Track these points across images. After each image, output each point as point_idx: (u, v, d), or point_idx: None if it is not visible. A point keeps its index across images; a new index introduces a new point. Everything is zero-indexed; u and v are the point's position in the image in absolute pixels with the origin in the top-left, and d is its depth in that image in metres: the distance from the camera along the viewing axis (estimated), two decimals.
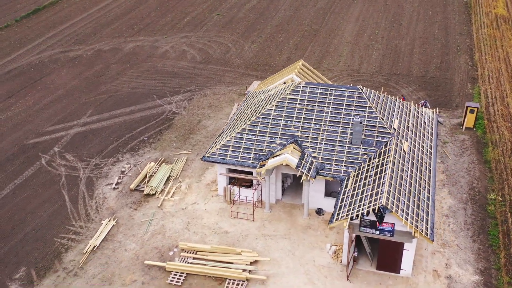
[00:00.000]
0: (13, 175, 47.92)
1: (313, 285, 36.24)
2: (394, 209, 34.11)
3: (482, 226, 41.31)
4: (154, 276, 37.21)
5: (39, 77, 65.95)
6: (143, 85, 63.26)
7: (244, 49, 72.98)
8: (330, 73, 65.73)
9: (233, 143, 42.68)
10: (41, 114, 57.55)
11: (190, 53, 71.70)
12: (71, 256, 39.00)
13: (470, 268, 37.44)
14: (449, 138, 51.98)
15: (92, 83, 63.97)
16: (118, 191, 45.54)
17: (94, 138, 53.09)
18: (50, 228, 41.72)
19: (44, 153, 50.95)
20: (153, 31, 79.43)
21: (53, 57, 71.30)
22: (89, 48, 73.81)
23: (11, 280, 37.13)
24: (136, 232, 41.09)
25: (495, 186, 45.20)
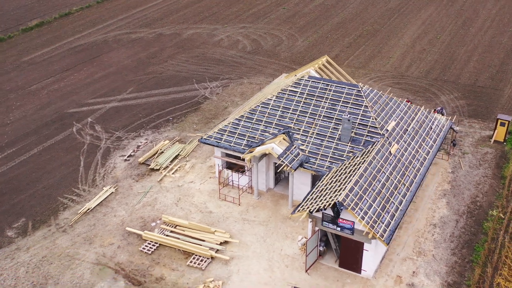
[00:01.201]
0: (45, 138, 52.81)
1: (272, 272, 37.01)
2: (352, 206, 34.00)
3: (470, 240, 39.60)
4: (130, 242, 39.86)
5: (98, 54, 71.25)
6: (187, 70, 66.29)
7: (296, 43, 73.76)
8: (373, 73, 64.86)
9: (230, 128, 44.20)
10: (88, 88, 62.43)
11: (242, 43, 73.74)
12: (66, 215, 42.71)
13: (438, 279, 36.27)
14: (471, 149, 49.77)
15: (142, 64, 68.06)
16: (128, 163, 48.77)
17: (125, 113, 56.87)
18: (58, 188, 45.79)
19: (77, 122, 55.50)
20: (216, 20, 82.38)
21: (117, 37, 76.53)
22: (152, 32, 78.27)
23: (10, 228, 41.50)
24: (129, 201, 43.99)
25: (501, 203, 42.93)
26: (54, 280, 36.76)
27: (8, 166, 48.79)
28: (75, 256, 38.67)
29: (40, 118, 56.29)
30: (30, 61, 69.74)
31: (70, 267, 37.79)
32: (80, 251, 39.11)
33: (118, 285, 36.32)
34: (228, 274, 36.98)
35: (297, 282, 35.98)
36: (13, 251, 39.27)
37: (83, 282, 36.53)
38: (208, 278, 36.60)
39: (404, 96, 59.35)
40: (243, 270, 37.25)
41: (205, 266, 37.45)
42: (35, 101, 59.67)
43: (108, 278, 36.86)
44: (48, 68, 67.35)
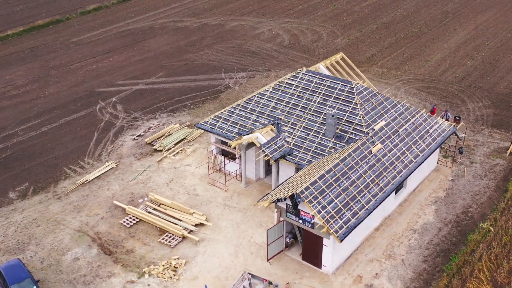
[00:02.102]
0: (69, 113, 56.32)
1: (236, 257, 37.74)
2: (310, 199, 34.04)
3: (448, 250, 38.26)
4: (114, 215, 41.99)
5: (142, 39, 74.48)
6: (220, 59, 67.85)
7: (335, 40, 73.30)
8: (405, 75, 63.36)
9: (225, 116, 45.21)
10: (122, 70, 65.60)
11: (281, 37, 74.29)
12: (66, 184, 45.59)
13: (399, 284, 35.45)
14: (481, 159, 47.68)
15: (179, 51, 70.43)
16: (135, 142, 51.07)
17: (148, 96, 59.36)
18: (66, 159, 48.87)
19: (102, 100, 58.65)
20: (264, 13, 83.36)
21: (164, 24, 79.53)
22: (197, 21, 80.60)
23: (13, 191, 44.95)
24: (126, 178, 46.20)
25: (495, 216, 40.98)
26: (36, 241, 39.53)
27: (29, 135, 52.56)
28: (62, 222, 41.31)
29: (71, 95, 59.95)
30: (78, 41, 74.14)
31: (54, 231, 40.45)
32: (67, 218, 41.70)
33: (90, 252, 38.47)
34: (194, 254, 38.11)
35: (256, 270, 36.47)
36: (10, 211, 42.55)
37: (61, 246, 39.02)
38: (174, 256, 37.89)
39: (429, 100, 57.66)
40: (209, 252, 38.23)
41: (174, 244, 38.79)
42: (71, 79, 63.55)
43: (84, 245, 39.13)
44: (92, 50, 71.32)
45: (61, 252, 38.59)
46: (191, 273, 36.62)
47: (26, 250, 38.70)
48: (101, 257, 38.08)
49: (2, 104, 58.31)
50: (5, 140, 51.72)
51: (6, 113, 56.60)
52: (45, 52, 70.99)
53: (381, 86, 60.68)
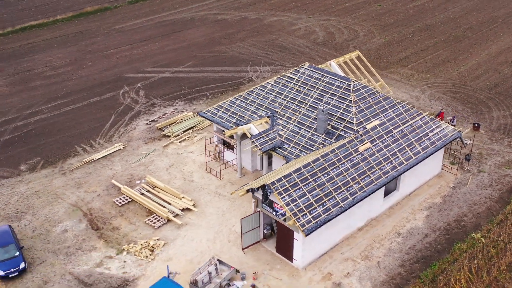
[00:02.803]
0: (93, 95, 58.83)
1: (213, 243, 38.38)
2: (280, 191, 34.13)
3: (429, 257, 37.16)
4: (109, 193, 43.70)
5: (180, 30, 76.35)
6: (250, 53, 68.49)
7: (371, 40, 72.12)
8: (434, 78, 61.55)
9: (227, 106, 45.86)
10: (153, 58, 67.62)
11: (316, 34, 73.92)
12: (72, 161, 47.83)
13: (369, 285, 34.87)
14: (491, 169, 45.74)
15: (212, 43, 71.66)
16: (148, 127, 52.71)
17: (171, 84, 60.95)
18: (79, 138, 51.19)
19: (127, 85, 60.80)
20: (305, 10, 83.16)
21: (204, 16, 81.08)
22: (237, 15, 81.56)
23: (24, 163, 47.68)
24: (130, 159, 47.86)
25: (489, 227, 39.30)
26: (33, 211, 41.85)
27: (53, 113, 55.41)
28: (61, 196, 43.46)
29: (100, 78, 62.53)
30: (120, 29, 77.01)
31: (52, 203, 42.65)
32: (66, 193, 43.82)
33: (79, 226, 40.31)
34: (174, 237, 39.08)
35: (229, 257, 36.94)
36: (17, 182, 45.22)
37: (54, 218, 41.12)
38: (155, 237, 39.02)
39: (453, 105, 55.79)
40: (189, 236, 39.08)
41: (158, 226, 39.92)
42: (104, 64, 66.23)
43: (75, 218, 41.04)
44: (130, 37, 73.90)
45: (53, 223, 40.64)
46: (167, 254, 37.59)
47: (22, 219, 41.06)
48: (88, 232, 39.79)
49: (36, 83, 61.67)
50: (30, 117, 54.78)
51: (37, 91, 59.85)
52: (86, 37, 74.27)
53: (406, 88, 59.27)
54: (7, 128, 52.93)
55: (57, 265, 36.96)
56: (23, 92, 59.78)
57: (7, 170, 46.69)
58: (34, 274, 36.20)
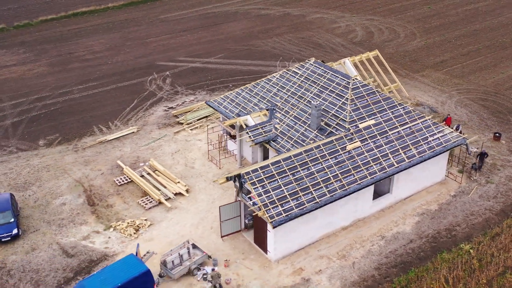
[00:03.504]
0: (123, 80, 61.16)
1: (195, 228, 39.22)
2: (254, 181, 34.45)
3: (409, 263, 36.21)
4: (112, 172, 45.55)
5: (220, 22, 77.67)
6: (283, 48, 68.70)
7: (410, 42, 70.34)
8: (466, 85, 59.37)
9: (232, 97, 46.52)
10: (188, 48, 69.27)
11: (355, 33, 72.97)
12: (87, 140, 50.15)
13: (337, 284, 34.51)
14: (501, 180, 43.74)
15: (249, 36, 72.43)
16: (165, 113, 54.30)
17: (199, 74, 62.30)
18: (99, 119, 53.51)
19: (157, 73, 62.75)
20: (351, 9, 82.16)
21: (248, 11, 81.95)
22: (281, 10, 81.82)
23: (43, 139, 50.47)
24: (140, 142, 49.58)
25: (481, 240, 37.71)
26: (40, 183, 44.38)
27: (81, 94, 58.21)
28: (68, 171, 45.78)
29: (133, 64, 64.90)
30: (164, 19, 79.35)
31: (58, 177, 45.03)
32: (74, 169, 46.08)
33: (77, 201, 42.35)
34: (161, 219, 40.25)
35: (207, 243, 37.64)
36: (32, 155, 48.03)
37: (56, 191, 43.41)
38: (143, 217, 40.37)
39: (479, 113, 53.63)
40: (175, 219, 40.13)
41: (149, 207, 41.24)
42: (140, 51, 68.63)
43: (75, 193, 43.14)
44: (172, 27, 76.01)
45: (54, 196, 42.92)
46: (150, 234, 38.81)
47: (28, 189, 43.63)
48: (84, 207, 41.73)
49: (73, 66, 64.88)
50: (60, 96, 57.81)
51: (72, 73, 62.98)
52: (131, 25, 77.11)
53: (433, 93, 57.49)
54: (37, 105, 56.13)
55: (48, 234, 39.07)
56: (60, 73, 63.07)
57: (26, 144, 49.63)
58: (25, 241, 38.46)
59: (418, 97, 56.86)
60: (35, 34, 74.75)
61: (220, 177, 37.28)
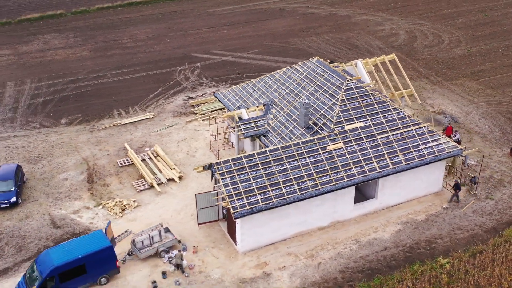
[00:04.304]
0: (155, 68, 63.53)
1: (177, 214, 40.46)
2: (223, 172, 35.19)
3: (377, 270, 35.54)
4: (118, 154, 47.77)
5: (265, 18, 78.44)
6: (319, 47, 68.49)
7: (453, 49, 67.87)
8: (499, 96, 56.74)
9: (237, 90, 47.35)
10: (226, 42, 70.63)
11: (397, 37, 71.35)
12: (104, 122, 52.78)
13: (297, 282, 34.54)
14: (502, 197, 41.72)
15: (288, 34, 72.71)
16: (184, 102, 56.00)
17: (228, 67, 63.53)
18: (122, 103, 56.05)
19: (188, 64, 64.63)
20: (400, 12, 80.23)
21: (295, 9, 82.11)
22: (329, 10, 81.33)
23: (66, 118, 53.63)
24: (151, 128, 51.53)
25: (461, 256, 36.27)
26: (50, 158, 47.37)
27: (112, 79, 61.17)
28: (78, 149, 48.52)
29: (169, 54, 67.19)
30: (212, 13, 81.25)
31: (68, 154, 47.85)
32: (84, 148, 48.75)
33: (78, 177, 44.88)
34: (149, 201, 41.87)
35: (183, 229, 38.78)
36: (52, 132, 51.27)
37: (63, 166, 46.20)
38: (133, 198, 42.17)
39: (502, 126, 51.18)
40: (161, 204, 41.60)
41: (140, 189, 43.00)
42: (180, 42, 70.83)
43: (79, 170, 45.72)
44: (217, 21, 77.72)
45: (60, 171, 45.70)
46: (134, 215, 40.51)
47: (38, 163, 46.72)
48: (83, 183, 44.15)
49: (114, 52, 68.14)
50: (93, 79, 61.05)
51: (111, 59, 66.19)
52: (178, 17, 79.61)
53: (460, 102, 55.38)
54: (70, 86, 59.62)
55: (44, 205, 41.76)
56: (100, 58, 66.47)
57: (49, 121, 52.99)
58: (22, 209, 41.36)
59: (442, 105, 54.94)
60: (89, 20, 78.99)
61: (199, 166, 38.21)
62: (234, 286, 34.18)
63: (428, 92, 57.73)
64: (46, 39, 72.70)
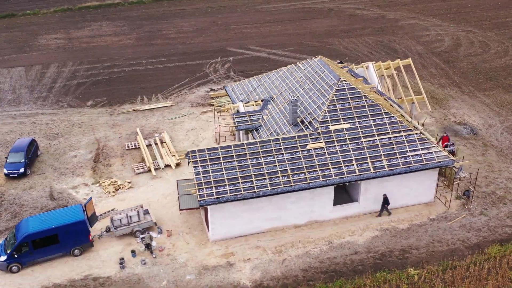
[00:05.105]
0: (188, 59, 65.52)
1: (163, 198, 41.87)
2: (198, 160, 36.28)
3: (340, 273, 35.16)
4: (129, 138, 50.01)
5: (310, 18, 78.41)
6: (355, 49, 67.67)
7: (497, 59, 64.74)
8: None
9: (244, 84, 48.19)
10: (265, 38, 71.37)
11: (441, 43, 69.05)
12: (125, 107, 55.31)
13: (257, 275, 34.94)
14: (497, 215, 39.77)
15: (329, 34, 72.27)
16: (205, 94, 57.49)
17: (258, 63, 64.34)
18: (147, 90, 58.36)
19: (221, 57, 66.06)
20: (453, 18, 77.39)
21: (344, 10, 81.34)
22: (378, 13, 79.87)
23: (92, 100, 56.72)
24: (167, 116, 53.44)
25: (433, 269, 35.15)
26: (67, 136, 50.44)
27: (146, 67, 63.80)
28: (94, 130, 51.29)
29: (206, 47, 69.00)
30: (260, 9, 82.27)
31: (84, 134, 50.74)
32: (101, 130, 51.45)
33: (87, 156, 47.54)
34: (142, 184, 43.69)
35: (164, 213, 40.18)
36: (76, 112, 54.48)
37: (76, 144, 49.08)
38: (128, 180, 44.17)
39: None
40: (153, 187, 43.28)
41: (138, 172, 44.92)
42: (220, 35, 72.46)
43: (89, 149, 48.39)
44: (262, 17, 78.65)
45: (72, 148, 48.61)
46: (125, 195, 42.46)
47: (56, 139, 49.93)
48: (88, 162, 46.73)
49: (156, 42, 70.94)
50: (128, 66, 64.00)
51: (150, 48, 68.98)
52: (226, 11, 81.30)
53: (486, 114, 52.96)
54: (105, 71, 62.87)
55: (48, 178, 44.69)
56: (140, 47, 69.44)
57: (77, 102, 56.31)
58: (28, 180, 44.49)
59: (466, 116, 52.79)
60: (142, 11, 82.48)
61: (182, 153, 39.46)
62: (195, 272, 35.10)
63: (456, 102, 55.60)
64: (98, 26, 76.79)
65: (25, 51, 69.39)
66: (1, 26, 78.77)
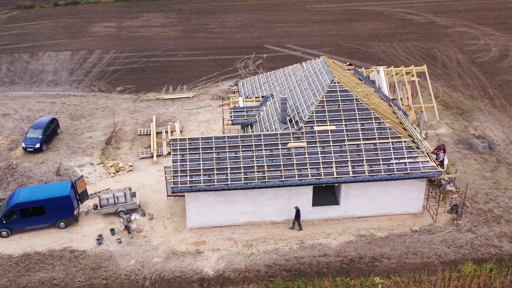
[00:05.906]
0: (223, 54, 67.04)
1: (158, 183, 43.42)
2: (179, 149, 37.57)
3: (304, 273, 35.20)
4: (144, 124, 52.13)
5: (357, 19, 77.53)
6: (392, 54, 66.31)
7: None
8: None
9: (253, 81, 48.91)
10: (305, 37, 71.53)
11: (486, 53, 66.19)
12: (150, 95, 57.63)
13: (221, 265, 35.77)
14: (486, 234, 38.12)
15: (372, 37, 71.18)
16: (227, 88, 58.72)
17: (288, 62, 64.19)
18: (175, 81, 60.43)
19: (255, 54, 67.04)
20: (508, 28, 73.82)
21: (394, 13, 79.57)
22: (429, 18, 77.59)
23: (121, 86, 59.54)
24: (186, 106, 55.18)
25: (400, 281, 34.45)
26: (89, 118, 53.47)
27: (181, 59, 66.01)
28: (115, 115, 53.96)
29: (244, 43, 70.24)
30: (309, 8, 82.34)
31: (105, 117, 53.56)
32: (121, 114, 54.08)
33: (101, 138, 50.20)
34: (142, 168, 45.65)
35: (154, 198, 41.81)
36: (103, 97, 57.51)
37: (94, 127, 51.92)
38: (131, 163, 46.31)
39: None
40: (151, 171, 45.06)
41: (141, 156, 46.96)
42: (262, 33, 73.43)
43: (104, 132, 51.06)
44: (308, 17, 78.71)
45: (89, 130, 51.51)
46: (124, 177, 44.57)
47: (78, 120, 53.09)
48: (101, 143, 49.36)
49: (198, 35, 73.09)
50: (165, 56, 66.51)
51: (192, 41, 71.19)
52: (275, 9, 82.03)
53: (503, 125, 50.45)
54: (142, 60, 65.72)
55: (61, 155, 47.74)
56: (183, 39, 71.82)
57: (107, 87, 59.39)
58: (42, 155, 47.73)
59: (488, 129, 50.52)
60: (194, 5, 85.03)
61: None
62: (163, 255, 36.41)
63: (482, 114, 53.27)
64: (150, 17, 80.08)
65: (77, 37, 73.76)
66: (63, 12, 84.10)
